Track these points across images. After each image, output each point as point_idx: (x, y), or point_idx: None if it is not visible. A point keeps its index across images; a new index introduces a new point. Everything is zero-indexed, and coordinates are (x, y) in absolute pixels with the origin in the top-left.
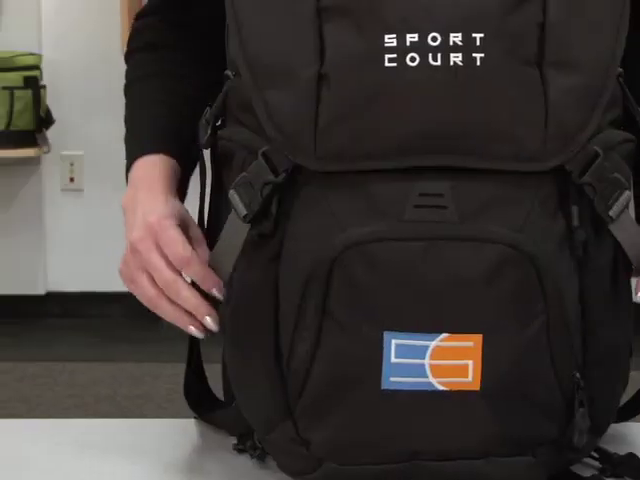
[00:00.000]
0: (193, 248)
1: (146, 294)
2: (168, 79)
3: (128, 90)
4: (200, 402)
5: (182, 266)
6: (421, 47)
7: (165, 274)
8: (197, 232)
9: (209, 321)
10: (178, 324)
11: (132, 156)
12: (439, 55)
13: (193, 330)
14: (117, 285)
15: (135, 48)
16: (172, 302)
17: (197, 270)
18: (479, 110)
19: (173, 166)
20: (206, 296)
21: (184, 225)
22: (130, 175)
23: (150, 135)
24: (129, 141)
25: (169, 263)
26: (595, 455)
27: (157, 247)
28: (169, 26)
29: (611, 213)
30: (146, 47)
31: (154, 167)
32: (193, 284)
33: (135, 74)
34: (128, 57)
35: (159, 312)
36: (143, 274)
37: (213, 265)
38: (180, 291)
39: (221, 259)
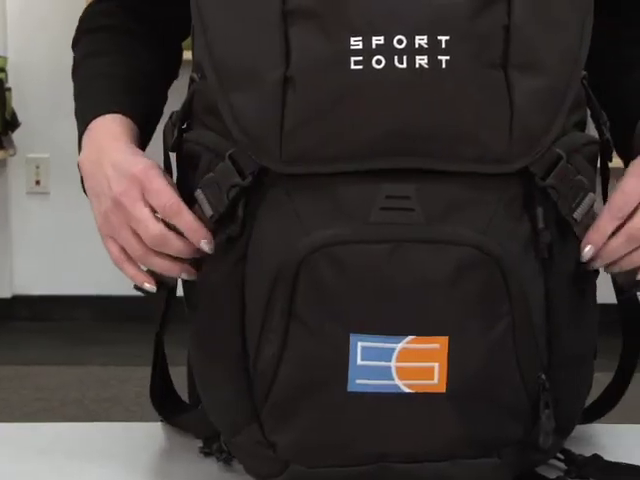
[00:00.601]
0: None
1: (134, 252)
2: (123, 56)
3: (78, 67)
4: (166, 405)
5: (172, 215)
6: (387, 49)
7: (152, 227)
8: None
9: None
10: (170, 274)
11: (86, 120)
12: (405, 58)
13: (185, 276)
14: (84, 288)
15: (87, 29)
16: (160, 254)
17: (188, 220)
18: (444, 113)
19: (133, 126)
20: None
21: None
22: (85, 136)
23: (106, 99)
24: (80, 111)
25: (154, 215)
26: (560, 456)
27: (142, 198)
28: (125, 12)
29: (575, 215)
30: (100, 29)
31: (113, 121)
32: None
33: (87, 51)
34: (76, 42)
35: (149, 266)
36: (128, 230)
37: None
38: (170, 242)
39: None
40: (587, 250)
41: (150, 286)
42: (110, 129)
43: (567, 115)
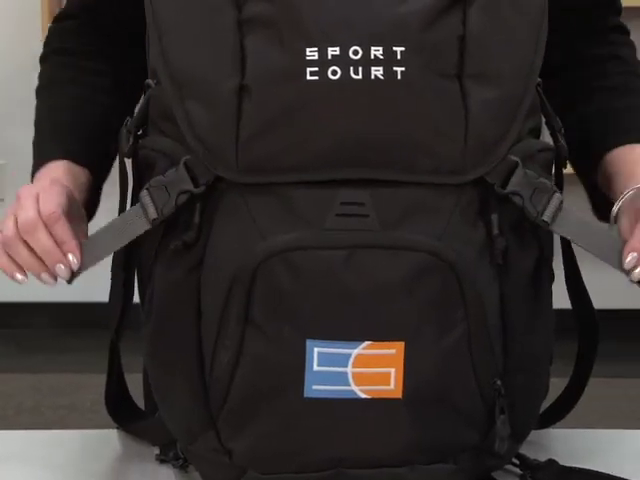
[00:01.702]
0: (71, 222)
1: (6, 234)
2: (83, 87)
3: (40, 93)
4: (122, 412)
5: (51, 221)
6: (342, 60)
7: (30, 213)
8: (81, 211)
9: (61, 269)
10: (31, 270)
11: (39, 161)
12: (360, 69)
13: (45, 278)
14: (39, 295)
15: (52, 51)
16: (29, 247)
17: (61, 231)
18: (400, 124)
19: (78, 171)
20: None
21: (71, 199)
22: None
23: (58, 141)
24: (37, 145)
25: (39, 212)
26: (516, 461)
27: (36, 199)
28: (87, 31)
29: (545, 217)
30: (63, 51)
31: (57, 167)
32: None
33: (49, 78)
34: (44, 59)
35: (13, 253)
36: (11, 218)
37: (89, 245)
38: (39, 232)
39: (101, 243)
40: (630, 259)
41: (22, 277)
42: (51, 172)
43: (522, 122)
